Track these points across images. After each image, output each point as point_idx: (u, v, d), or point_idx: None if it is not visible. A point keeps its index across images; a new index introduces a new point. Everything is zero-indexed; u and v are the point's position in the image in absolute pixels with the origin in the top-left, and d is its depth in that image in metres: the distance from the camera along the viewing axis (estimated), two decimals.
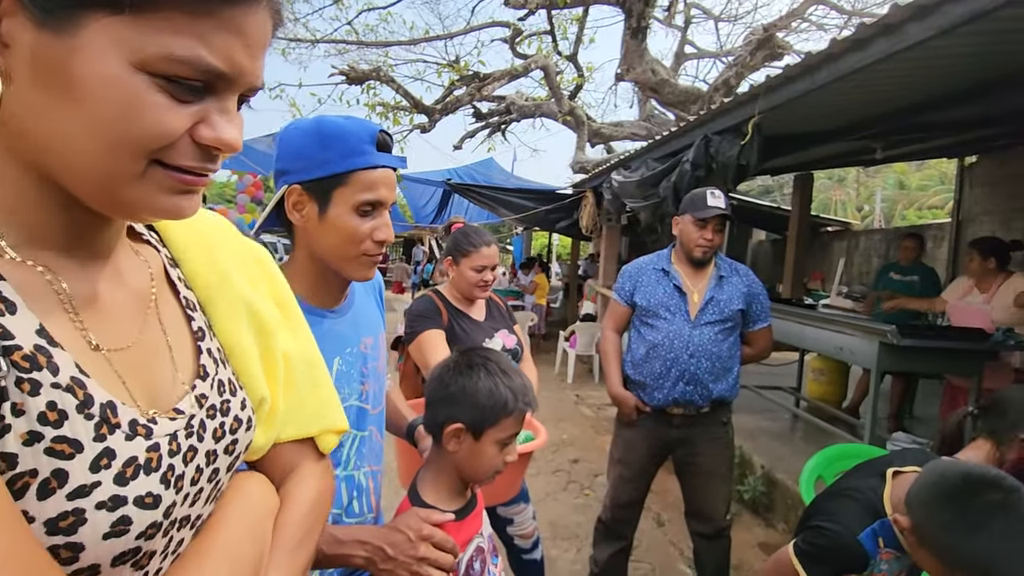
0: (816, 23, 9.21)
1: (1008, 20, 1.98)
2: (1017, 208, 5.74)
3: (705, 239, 2.14)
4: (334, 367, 0.96)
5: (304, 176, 0.91)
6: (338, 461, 0.99)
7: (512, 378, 1.01)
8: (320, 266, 0.96)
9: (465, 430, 0.98)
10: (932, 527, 1.00)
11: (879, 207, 18.22)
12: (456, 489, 1.04)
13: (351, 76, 8.44)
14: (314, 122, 0.93)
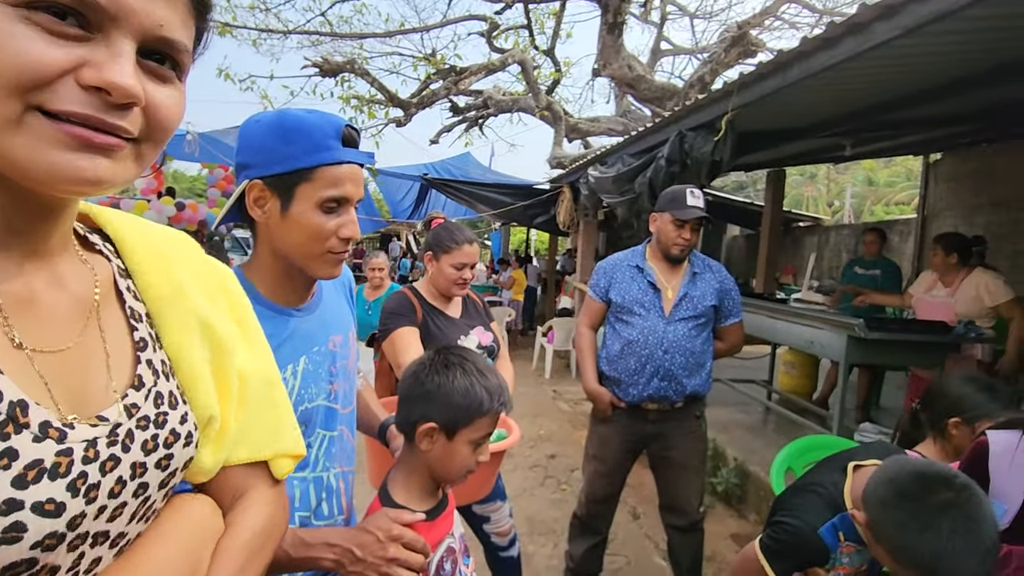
0: (789, 21, 9.35)
1: (971, 20, 2.03)
2: (979, 204, 5.93)
3: (683, 238, 2.15)
4: (300, 366, 0.94)
5: (265, 171, 0.88)
6: (306, 463, 0.97)
7: (488, 378, 1.00)
8: (284, 263, 0.93)
9: (439, 429, 0.97)
10: (885, 525, 1.02)
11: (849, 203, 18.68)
12: (427, 489, 1.03)
13: (324, 68, 8.27)
14: (276, 115, 0.90)
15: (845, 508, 1.17)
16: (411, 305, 1.88)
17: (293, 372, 0.93)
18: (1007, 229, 5.48)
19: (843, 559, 1.18)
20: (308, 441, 0.95)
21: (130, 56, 0.42)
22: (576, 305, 7.25)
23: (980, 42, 2.44)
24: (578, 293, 7.12)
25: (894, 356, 3.35)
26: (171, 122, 0.46)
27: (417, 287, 1.98)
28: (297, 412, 0.90)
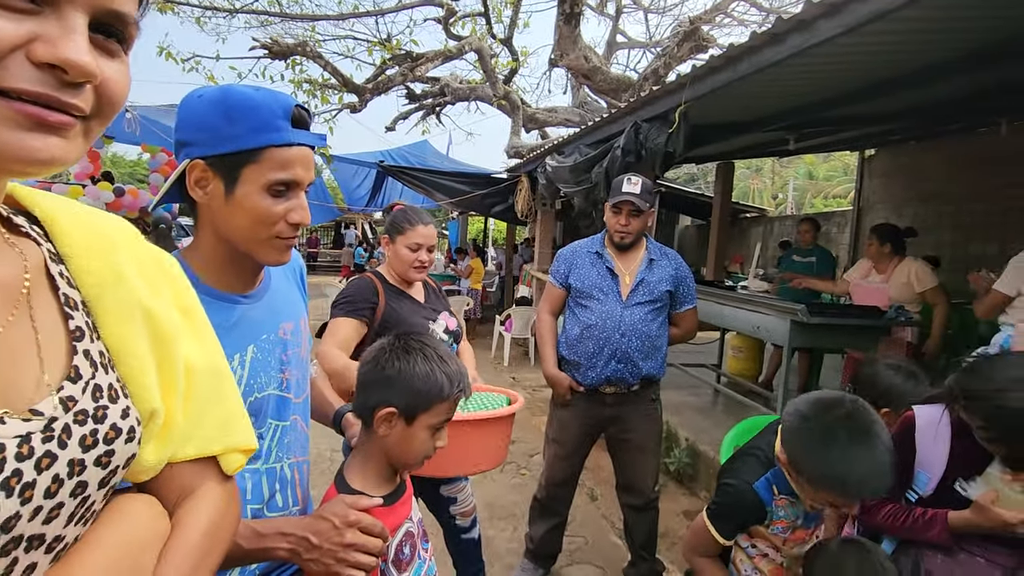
0: (738, 19, 9.64)
1: (905, 22, 2.16)
2: (909, 197, 6.33)
3: (620, 224, 2.21)
4: (248, 355, 0.90)
5: (208, 150, 0.83)
6: (259, 454, 0.94)
7: (448, 364, 1.01)
8: (228, 248, 0.88)
9: (398, 414, 0.97)
10: (797, 452, 1.13)
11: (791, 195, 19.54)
12: (385, 475, 1.02)
13: (274, 50, 7.96)
14: (220, 91, 0.84)
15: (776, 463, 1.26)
16: (372, 290, 1.83)
17: (241, 361, 0.89)
18: (932, 222, 5.89)
19: (779, 512, 1.26)
20: (260, 432, 0.93)
21: (84, 31, 0.40)
22: (534, 294, 7.32)
23: (912, 43, 2.60)
24: (536, 282, 7.18)
25: (833, 339, 3.56)
26: (120, 98, 0.45)
27: (381, 271, 1.94)
28: (247, 402, 0.87)
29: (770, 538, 1.30)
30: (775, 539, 1.30)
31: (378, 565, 0.92)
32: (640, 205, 2.17)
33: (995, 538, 1.17)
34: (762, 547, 1.32)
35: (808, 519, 1.29)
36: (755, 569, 1.32)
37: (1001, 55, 2.70)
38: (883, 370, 1.62)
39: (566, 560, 2.64)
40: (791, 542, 1.29)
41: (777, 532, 1.27)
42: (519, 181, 7.11)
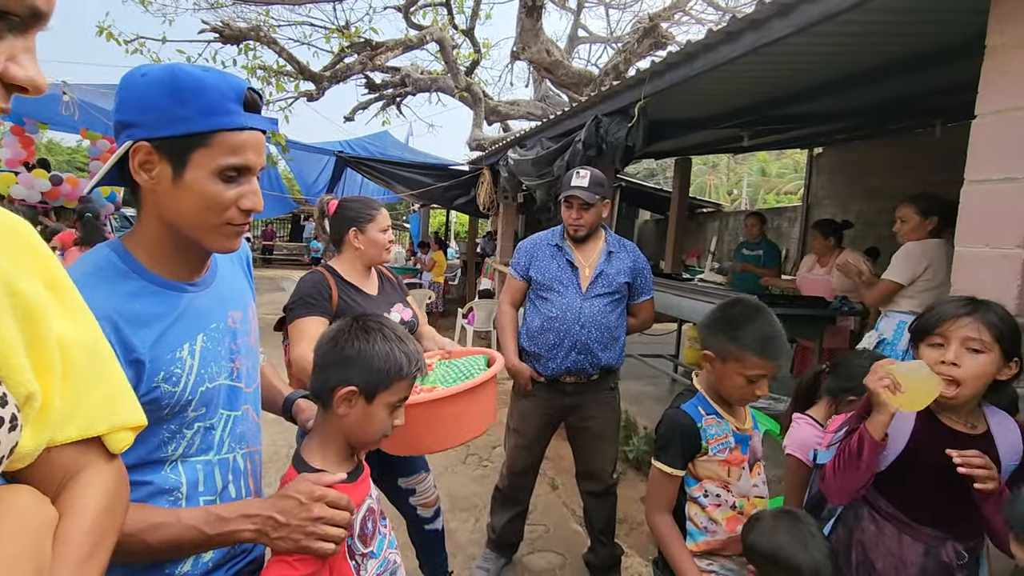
0: (696, 17, 9.85)
1: (849, 24, 2.26)
2: (854, 193, 6.63)
3: (572, 218, 2.25)
4: (198, 344, 0.87)
5: (154, 132, 0.78)
6: (210, 445, 0.92)
7: (407, 344, 1.03)
8: (174, 234, 0.85)
9: (358, 393, 0.98)
10: (719, 340, 1.35)
11: (746, 191, 20.20)
12: (344, 455, 1.03)
13: (226, 34, 7.63)
14: (167, 70, 0.80)
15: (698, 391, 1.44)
16: (325, 288, 1.81)
17: (191, 351, 0.86)
18: (875, 217, 6.19)
19: (710, 431, 1.38)
20: (212, 422, 0.91)
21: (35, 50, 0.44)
22: (496, 287, 7.32)
23: (857, 46, 2.72)
24: (498, 274, 7.18)
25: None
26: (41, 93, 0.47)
27: (333, 266, 1.91)
28: (197, 393, 0.87)
29: (714, 471, 1.37)
30: (718, 468, 1.36)
31: (345, 538, 0.93)
32: (586, 198, 2.20)
33: (920, 515, 1.25)
34: (712, 488, 1.38)
35: (738, 439, 1.40)
36: (711, 520, 1.37)
37: (935, 62, 2.86)
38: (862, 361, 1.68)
39: (527, 548, 2.67)
40: (731, 468, 1.37)
41: (715, 453, 1.37)
42: (481, 174, 7.08)
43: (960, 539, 1.23)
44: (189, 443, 0.89)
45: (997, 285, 1.66)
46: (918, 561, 1.24)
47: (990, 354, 1.17)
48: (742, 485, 1.39)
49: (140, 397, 0.79)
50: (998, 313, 1.19)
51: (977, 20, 1.76)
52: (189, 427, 0.88)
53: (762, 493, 1.44)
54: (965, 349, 1.18)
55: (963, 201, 1.79)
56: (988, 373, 1.18)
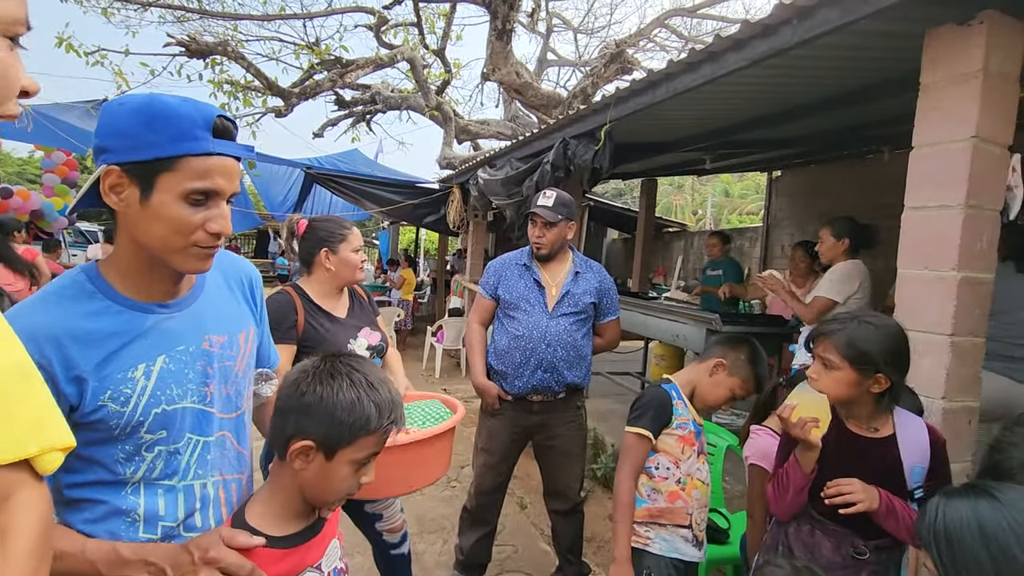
0: (660, 44, 10.20)
1: (799, 59, 2.40)
2: (810, 215, 6.91)
3: (535, 236, 2.30)
4: (156, 365, 0.87)
5: (123, 157, 0.82)
6: (175, 470, 0.90)
7: (379, 392, 0.91)
8: (146, 255, 0.87)
9: (315, 448, 0.87)
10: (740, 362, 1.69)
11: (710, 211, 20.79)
12: (295, 510, 0.93)
13: (192, 48, 7.52)
14: (144, 100, 0.84)
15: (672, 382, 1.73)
16: (291, 312, 1.78)
17: (146, 372, 0.86)
18: None
19: (678, 410, 1.67)
20: (177, 447, 0.90)
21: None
22: (465, 305, 7.32)
23: (807, 78, 2.88)
24: (468, 293, 7.19)
25: None
26: None
27: (302, 286, 1.88)
28: (150, 415, 0.86)
29: (671, 447, 1.65)
30: (675, 444, 1.65)
31: None
32: (549, 217, 2.25)
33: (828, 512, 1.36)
34: (664, 462, 1.65)
35: (694, 425, 1.69)
36: (654, 490, 1.64)
37: (880, 93, 3.05)
38: None
39: (496, 569, 2.65)
40: (685, 447, 1.65)
41: (677, 428, 1.65)
42: (451, 192, 7.12)
43: (863, 536, 1.34)
44: (150, 467, 0.88)
45: (935, 305, 1.77)
46: (827, 555, 1.37)
47: (841, 371, 1.31)
48: (690, 464, 1.66)
49: (85, 415, 0.82)
50: (853, 333, 1.30)
51: (915, 57, 1.90)
52: (149, 450, 0.87)
53: (703, 477, 1.70)
54: (822, 366, 1.34)
55: (903, 226, 1.91)
56: (842, 387, 1.31)
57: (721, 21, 9.62)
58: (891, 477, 1.33)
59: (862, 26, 1.90)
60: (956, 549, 0.83)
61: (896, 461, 1.33)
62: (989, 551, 0.81)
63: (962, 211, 1.72)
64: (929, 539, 0.88)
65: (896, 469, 1.33)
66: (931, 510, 0.90)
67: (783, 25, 2.12)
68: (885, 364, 1.29)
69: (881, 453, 1.34)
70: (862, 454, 1.35)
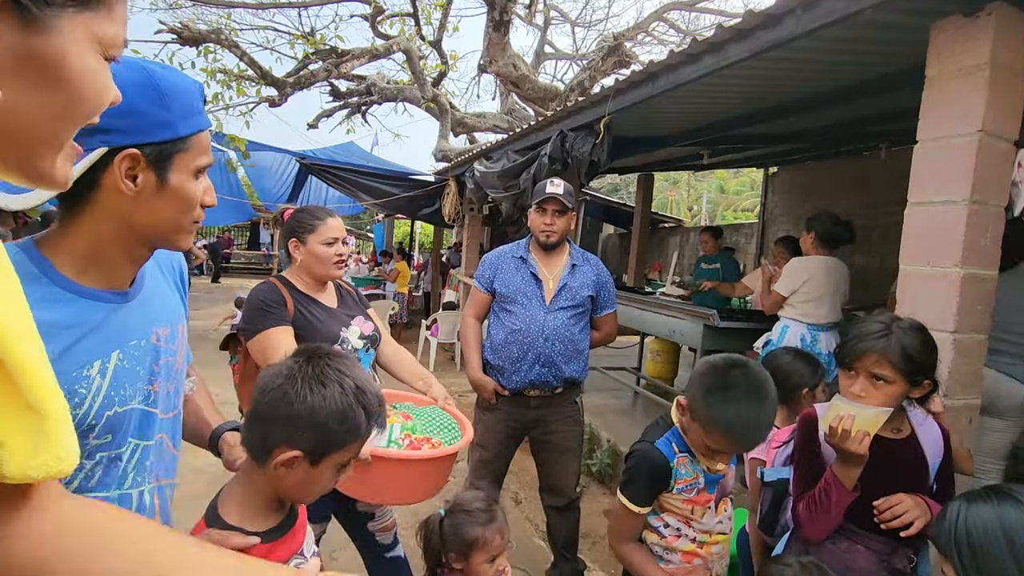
0: (658, 38, 10.15)
1: (801, 51, 2.37)
2: (805, 212, 6.88)
3: (545, 223, 2.26)
4: (111, 362, 0.79)
5: (140, 138, 0.74)
6: (113, 478, 0.82)
7: (368, 396, 0.88)
8: (123, 242, 0.79)
9: (303, 458, 0.84)
10: (697, 395, 1.24)
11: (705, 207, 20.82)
12: (270, 507, 0.91)
13: (184, 36, 7.41)
14: (143, 73, 0.76)
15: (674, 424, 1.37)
16: (280, 297, 1.72)
17: (101, 370, 0.78)
18: None
19: (681, 470, 1.33)
20: (118, 452, 0.82)
21: None
22: (461, 299, 7.28)
23: (809, 71, 2.85)
24: (463, 286, 7.15)
25: (741, 341, 3.81)
26: None
27: (287, 276, 1.82)
28: (102, 418, 0.78)
29: (678, 507, 1.35)
30: (682, 506, 1.35)
31: None
32: (566, 202, 2.23)
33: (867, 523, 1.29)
34: (673, 522, 1.36)
35: (708, 479, 1.36)
36: (667, 549, 1.36)
37: (881, 88, 3.02)
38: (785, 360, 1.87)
39: None
40: (695, 507, 1.35)
41: (681, 492, 1.34)
42: (447, 184, 7.06)
43: (907, 543, 1.28)
44: (88, 475, 0.80)
45: (938, 301, 1.74)
46: (871, 569, 1.28)
47: (895, 385, 1.23)
48: (706, 522, 1.37)
49: None
50: (903, 342, 1.23)
51: (919, 51, 1.87)
52: (90, 457, 0.79)
53: (724, 529, 1.42)
54: (871, 382, 1.25)
55: (906, 221, 1.88)
56: (894, 401, 1.24)
57: (719, 15, 9.58)
58: (921, 477, 1.29)
59: (866, 17, 1.87)
60: (980, 555, 0.80)
61: (922, 459, 1.29)
62: (1016, 557, 0.78)
63: (966, 206, 1.70)
64: (950, 545, 0.84)
65: (923, 468, 1.29)
66: (952, 515, 0.87)
67: (787, 15, 2.09)
68: (933, 368, 1.24)
69: (908, 454, 1.30)
70: (891, 457, 1.29)
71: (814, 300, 3.07)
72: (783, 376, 1.80)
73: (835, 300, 3.10)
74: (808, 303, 3.09)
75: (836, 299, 3.10)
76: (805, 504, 1.33)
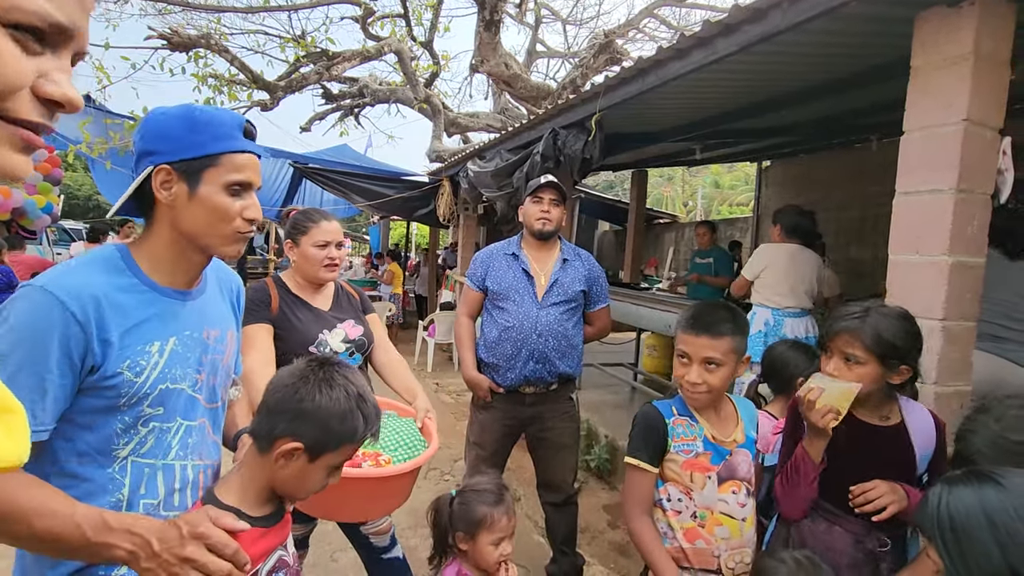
0: (649, 34, 10.16)
1: (789, 44, 2.38)
2: (800, 204, 6.93)
3: (542, 211, 2.27)
4: (169, 345, 0.96)
5: (172, 157, 0.94)
6: (161, 448, 0.96)
7: (367, 405, 0.98)
8: (180, 246, 0.98)
9: (303, 451, 0.92)
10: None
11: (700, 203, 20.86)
12: (265, 497, 0.98)
13: (174, 41, 7.38)
14: (184, 108, 0.97)
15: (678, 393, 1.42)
16: (265, 297, 1.77)
17: (160, 349, 0.95)
18: (819, 228, 6.49)
19: (678, 430, 1.38)
20: (167, 426, 0.96)
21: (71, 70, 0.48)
22: (457, 299, 7.29)
23: (797, 64, 2.86)
24: (459, 286, 7.15)
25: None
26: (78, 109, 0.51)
27: (282, 277, 1.87)
28: (156, 389, 0.94)
29: (677, 473, 1.36)
30: (681, 471, 1.36)
31: None
32: (563, 189, 2.26)
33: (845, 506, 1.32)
34: (675, 493, 1.37)
35: (710, 447, 1.37)
36: (668, 526, 1.37)
37: (869, 80, 3.04)
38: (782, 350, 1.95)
39: None
40: (695, 473, 1.36)
41: (679, 452, 1.36)
42: (441, 185, 7.06)
43: (883, 528, 1.30)
44: (141, 442, 0.94)
45: (926, 290, 1.76)
46: (847, 551, 1.31)
47: (866, 366, 1.25)
48: (707, 495, 1.36)
49: (105, 378, 0.88)
50: (877, 325, 1.25)
51: (906, 42, 1.89)
52: (144, 424, 0.94)
53: (731, 512, 1.37)
54: (843, 361, 1.28)
55: (894, 211, 1.90)
56: (867, 382, 1.26)
57: (710, 10, 9.59)
58: (905, 466, 1.31)
59: (852, 9, 1.88)
60: (963, 538, 0.81)
61: (908, 449, 1.30)
62: (997, 539, 0.78)
63: (953, 195, 1.72)
64: (933, 529, 0.85)
65: (909, 458, 1.30)
66: (933, 499, 0.87)
67: (773, 9, 2.10)
68: (909, 354, 1.26)
69: (893, 442, 1.31)
70: (874, 444, 1.32)
71: (774, 285, 3.25)
72: (780, 365, 1.88)
73: (797, 287, 3.23)
74: (769, 288, 3.28)
75: (799, 286, 3.23)
76: (779, 480, 1.39)
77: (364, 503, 1.48)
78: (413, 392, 1.80)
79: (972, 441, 1.12)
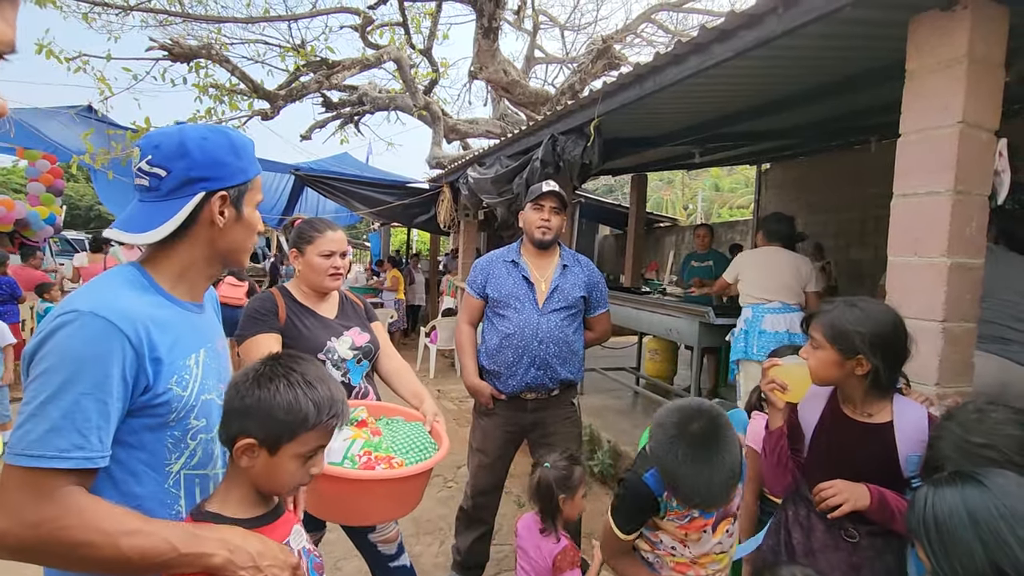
0: (647, 39, 10.20)
1: (784, 49, 2.39)
2: (799, 207, 6.95)
3: (543, 219, 2.27)
4: (201, 356, 1.00)
5: (227, 183, 1.00)
6: (209, 458, 1.01)
7: (318, 389, 0.95)
8: (209, 261, 1.03)
9: (258, 446, 0.92)
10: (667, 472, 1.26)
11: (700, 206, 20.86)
12: (251, 500, 0.98)
13: (175, 52, 7.43)
14: (225, 136, 1.01)
15: None
16: (273, 306, 1.78)
17: (196, 361, 0.99)
18: (814, 228, 6.50)
19: (672, 504, 1.35)
20: (212, 436, 1.00)
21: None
22: (459, 305, 7.30)
23: (793, 69, 2.88)
24: (460, 293, 7.16)
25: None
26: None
27: (288, 287, 1.89)
28: (199, 400, 0.97)
29: (671, 532, 1.38)
30: (675, 531, 1.37)
31: None
32: (564, 197, 2.27)
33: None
34: (668, 540, 1.39)
35: (706, 515, 1.38)
36: (658, 558, 1.41)
37: (866, 83, 3.05)
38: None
39: (494, 569, 2.63)
40: (690, 532, 1.37)
41: (673, 520, 1.36)
42: (441, 191, 7.08)
43: (853, 520, 1.33)
44: (192, 454, 0.98)
45: (926, 291, 1.76)
46: (821, 537, 1.37)
47: (825, 351, 1.33)
48: (703, 544, 1.39)
49: (157, 396, 0.90)
50: (839, 316, 1.33)
51: (901, 45, 1.90)
52: (193, 437, 0.97)
53: (724, 548, 1.43)
54: (811, 346, 1.36)
55: (893, 213, 1.90)
56: (824, 366, 1.33)
57: (707, 15, 9.64)
58: (885, 465, 1.32)
59: (847, 14, 1.90)
60: (947, 538, 0.82)
61: (891, 449, 1.31)
62: (980, 538, 0.80)
63: (950, 197, 1.73)
64: (919, 530, 0.86)
65: (890, 457, 1.31)
66: (919, 500, 0.89)
67: (769, 14, 2.12)
68: (864, 346, 1.28)
69: (875, 440, 1.33)
70: (855, 439, 1.35)
71: (752, 283, 3.44)
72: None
73: (772, 283, 3.36)
74: (748, 284, 3.46)
75: (773, 282, 3.36)
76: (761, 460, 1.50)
77: (381, 503, 1.48)
78: (420, 396, 1.80)
79: (940, 447, 1.15)
